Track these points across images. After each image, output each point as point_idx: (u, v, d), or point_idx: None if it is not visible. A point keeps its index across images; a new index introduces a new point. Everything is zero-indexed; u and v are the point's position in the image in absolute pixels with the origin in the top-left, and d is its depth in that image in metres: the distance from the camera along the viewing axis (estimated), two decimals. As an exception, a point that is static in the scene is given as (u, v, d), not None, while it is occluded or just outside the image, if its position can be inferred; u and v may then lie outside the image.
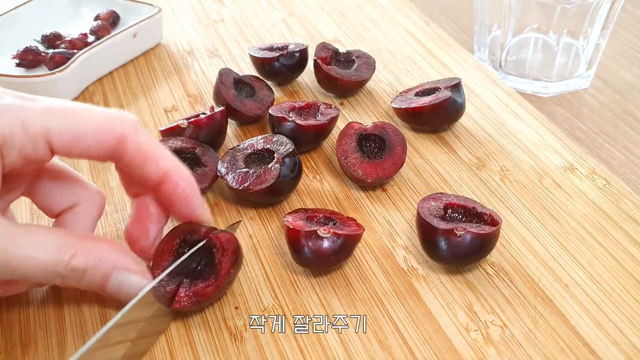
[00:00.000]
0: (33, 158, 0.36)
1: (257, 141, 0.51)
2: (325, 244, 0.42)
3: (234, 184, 0.48)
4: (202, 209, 0.41)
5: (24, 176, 0.40)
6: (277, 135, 0.51)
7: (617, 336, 0.39)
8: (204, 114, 0.54)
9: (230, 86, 0.57)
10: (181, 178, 0.39)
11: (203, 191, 0.49)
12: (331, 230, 0.42)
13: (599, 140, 0.58)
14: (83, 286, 0.37)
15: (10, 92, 0.37)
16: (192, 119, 0.53)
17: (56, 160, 0.42)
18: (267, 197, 0.48)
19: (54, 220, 0.43)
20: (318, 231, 0.42)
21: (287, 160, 0.48)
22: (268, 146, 0.50)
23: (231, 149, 0.51)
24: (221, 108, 0.54)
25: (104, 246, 0.38)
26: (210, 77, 0.65)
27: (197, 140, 0.52)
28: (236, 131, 0.58)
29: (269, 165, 0.48)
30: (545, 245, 0.45)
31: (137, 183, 0.41)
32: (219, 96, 0.56)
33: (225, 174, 0.48)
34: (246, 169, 0.48)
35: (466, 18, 0.78)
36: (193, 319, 0.41)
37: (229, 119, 0.56)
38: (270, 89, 0.60)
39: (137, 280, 0.38)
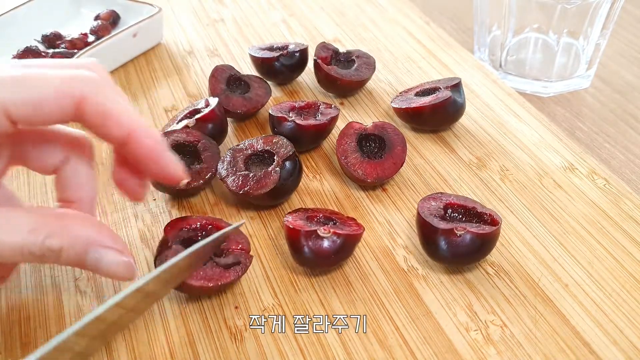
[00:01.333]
0: None
1: (257, 142, 0.51)
2: (325, 243, 0.42)
3: (234, 187, 0.48)
4: (174, 166, 0.38)
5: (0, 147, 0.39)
6: (277, 136, 0.51)
7: (617, 336, 0.39)
8: (197, 111, 0.54)
9: (222, 81, 0.58)
10: (146, 136, 0.37)
11: (198, 188, 0.49)
12: (331, 230, 0.42)
13: (599, 140, 0.58)
14: (63, 264, 0.37)
15: None
16: (196, 115, 0.53)
17: None
18: (267, 200, 0.48)
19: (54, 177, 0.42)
20: (318, 231, 0.42)
21: (287, 163, 0.48)
22: (268, 147, 0.50)
23: (230, 148, 0.51)
24: (215, 99, 0.54)
25: (78, 224, 0.37)
26: (210, 77, 0.65)
27: (202, 134, 0.52)
28: (235, 131, 0.58)
29: (269, 169, 0.48)
30: (545, 245, 0.45)
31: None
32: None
33: (225, 177, 0.48)
34: (246, 172, 0.48)
35: (466, 18, 0.78)
36: (193, 319, 0.41)
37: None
38: (269, 90, 0.60)
39: (113, 256, 0.37)
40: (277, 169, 0.47)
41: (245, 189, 0.47)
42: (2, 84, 0.34)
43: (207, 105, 0.54)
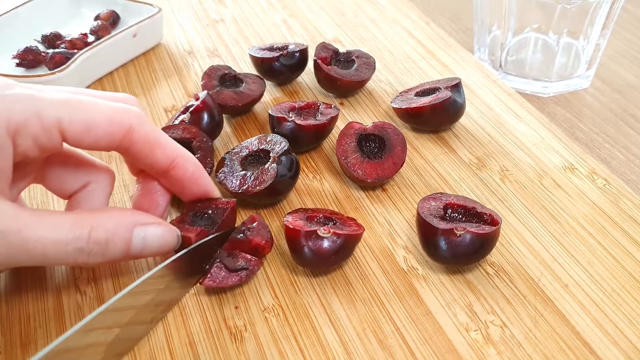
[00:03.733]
0: (46, 147, 0.37)
1: (252, 142, 0.51)
2: (325, 244, 0.42)
3: (233, 188, 0.48)
4: (212, 187, 0.44)
5: (34, 164, 0.41)
6: (271, 134, 0.51)
7: (617, 336, 0.39)
8: (191, 107, 0.54)
9: (215, 78, 0.58)
10: (189, 163, 0.42)
11: None
12: (331, 230, 0.42)
13: (599, 140, 0.58)
14: (109, 257, 0.37)
15: (17, 82, 0.37)
16: (190, 110, 0.53)
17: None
18: (266, 198, 0.48)
19: (66, 202, 0.43)
20: (318, 231, 0.42)
21: (283, 158, 0.48)
22: (263, 146, 0.50)
23: (227, 152, 0.51)
24: (205, 92, 0.55)
25: (116, 213, 0.38)
26: (210, 77, 0.65)
27: (199, 130, 0.52)
28: (235, 131, 0.58)
29: (266, 166, 0.48)
30: (545, 245, 0.45)
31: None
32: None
33: (223, 179, 0.49)
34: (243, 172, 0.48)
35: (466, 18, 0.78)
36: (193, 319, 0.41)
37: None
38: (263, 85, 0.60)
39: (159, 229, 0.39)
40: (274, 164, 0.47)
41: (244, 187, 0.47)
42: (61, 104, 0.36)
43: (197, 99, 0.55)
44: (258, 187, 0.47)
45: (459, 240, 0.41)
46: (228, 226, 0.45)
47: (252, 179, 0.48)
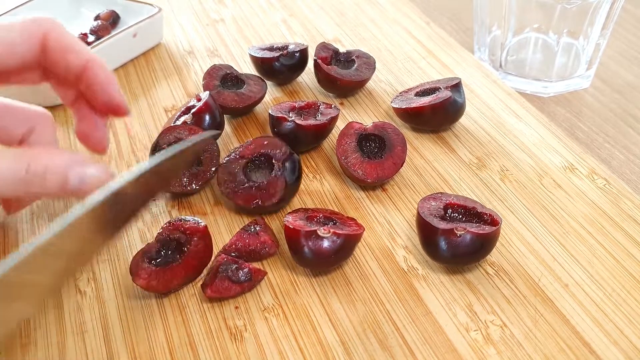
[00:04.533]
0: None
1: (250, 147, 0.50)
2: (325, 244, 0.42)
3: (243, 202, 0.47)
4: (121, 97, 0.44)
5: None
6: (268, 137, 0.50)
7: (617, 336, 0.39)
8: (192, 107, 0.54)
9: (216, 78, 0.58)
10: (100, 67, 0.43)
11: (193, 192, 0.49)
12: (331, 230, 0.42)
13: (599, 140, 0.58)
14: (47, 190, 0.39)
15: None
16: (192, 111, 0.53)
17: None
18: (275, 206, 0.48)
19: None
20: (318, 231, 0.42)
21: (287, 164, 0.48)
22: (263, 150, 0.49)
23: (224, 162, 0.49)
24: (207, 93, 0.54)
25: (56, 151, 0.41)
26: (210, 77, 0.65)
27: (202, 130, 0.52)
28: (234, 131, 0.58)
29: (273, 175, 0.48)
30: (545, 245, 0.45)
31: (65, 83, 0.45)
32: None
33: (230, 194, 0.48)
34: (249, 183, 0.48)
35: (466, 18, 0.78)
36: (193, 319, 0.41)
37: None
38: (265, 87, 0.60)
39: (95, 171, 0.39)
40: (279, 172, 0.47)
41: (256, 202, 0.47)
42: None
43: (198, 100, 0.54)
44: (270, 201, 0.47)
45: (459, 240, 0.41)
46: (199, 257, 0.44)
47: (261, 191, 0.47)
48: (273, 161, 0.48)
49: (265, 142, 0.50)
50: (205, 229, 0.44)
